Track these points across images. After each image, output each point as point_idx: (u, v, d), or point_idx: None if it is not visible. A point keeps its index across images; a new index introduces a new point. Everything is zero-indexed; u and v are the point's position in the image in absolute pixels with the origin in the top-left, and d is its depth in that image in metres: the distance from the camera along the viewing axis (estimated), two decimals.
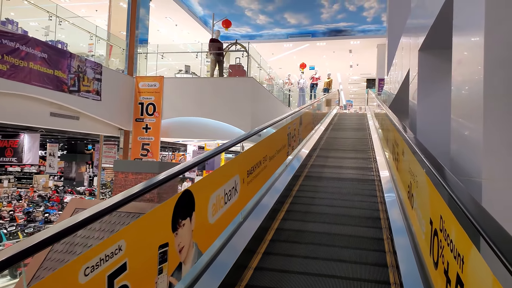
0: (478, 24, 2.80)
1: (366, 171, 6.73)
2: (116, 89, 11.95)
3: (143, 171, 7.82)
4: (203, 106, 12.03)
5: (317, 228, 4.20)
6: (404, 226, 3.77)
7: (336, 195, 5.34)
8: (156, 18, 17.38)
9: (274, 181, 5.00)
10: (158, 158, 12.76)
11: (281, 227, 4.18)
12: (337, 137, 10.71)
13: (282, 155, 5.26)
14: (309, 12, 17.80)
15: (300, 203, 5.00)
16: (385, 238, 3.98)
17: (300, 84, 20.62)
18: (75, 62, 10.06)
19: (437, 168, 2.30)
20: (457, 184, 2.00)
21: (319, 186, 5.75)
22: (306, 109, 8.91)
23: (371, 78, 27.18)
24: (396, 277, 3.21)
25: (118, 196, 1.95)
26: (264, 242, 3.73)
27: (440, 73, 5.40)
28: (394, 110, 8.01)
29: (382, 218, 4.49)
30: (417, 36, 5.72)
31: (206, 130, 12.70)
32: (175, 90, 12.58)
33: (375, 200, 5.21)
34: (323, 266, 3.39)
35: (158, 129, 12.61)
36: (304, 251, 3.65)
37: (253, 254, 3.46)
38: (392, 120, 5.37)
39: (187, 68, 15.02)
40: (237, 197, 3.21)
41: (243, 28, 20.13)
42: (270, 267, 3.31)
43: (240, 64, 13.27)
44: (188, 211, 2.37)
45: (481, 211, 1.62)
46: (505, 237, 1.36)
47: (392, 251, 3.63)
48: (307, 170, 6.65)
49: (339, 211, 4.70)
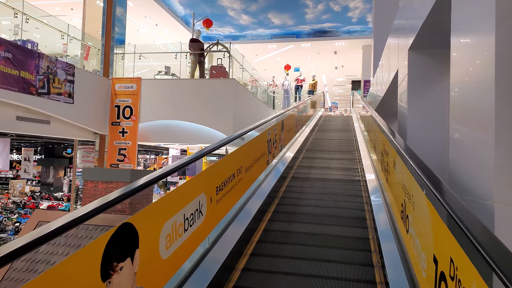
0: (487, 19, 2.36)
1: (354, 184, 6.30)
2: (90, 91, 11.32)
3: (114, 180, 7.26)
4: (183, 108, 11.50)
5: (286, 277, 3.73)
6: (396, 249, 3.32)
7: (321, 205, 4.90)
8: (136, 17, 16.76)
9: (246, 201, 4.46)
10: (136, 164, 12.17)
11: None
12: (324, 138, 10.85)
13: (261, 164, 4.77)
14: (293, 12, 17.38)
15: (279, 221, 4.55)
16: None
17: (284, 86, 20.20)
18: (44, 63, 9.41)
19: (448, 198, 1.82)
20: (483, 230, 1.50)
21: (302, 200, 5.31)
22: (290, 111, 8.46)
23: (356, 79, 26.93)
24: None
25: (85, 208, 1.77)
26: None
27: (432, 74, 4.99)
28: (381, 113, 7.64)
29: (370, 230, 4.04)
30: (407, 35, 5.30)
31: (186, 133, 12.18)
32: (154, 92, 12.01)
33: (361, 204, 4.76)
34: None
35: (135, 133, 12.02)
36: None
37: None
38: (380, 126, 4.94)
39: (167, 69, 14.45)
40: (203, 220, 2.72)
41: (226, 29, 19.62)
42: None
43: (222, 65, 12.75)
44: (128, 250, 1.87)
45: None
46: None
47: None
48: (287, 181, 6.18)
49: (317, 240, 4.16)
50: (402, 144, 3.42)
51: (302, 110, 11.84)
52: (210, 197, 2.86)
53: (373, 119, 5.97)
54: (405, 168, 2.80)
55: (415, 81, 5.10)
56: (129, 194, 2.09)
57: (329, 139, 10.76)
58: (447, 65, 4.92)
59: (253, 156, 4.37)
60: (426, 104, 5.07)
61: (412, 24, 4.97)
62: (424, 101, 5.08)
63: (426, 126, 5.06)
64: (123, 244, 1.81)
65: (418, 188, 2.26)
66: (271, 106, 19.85)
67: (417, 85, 5.09)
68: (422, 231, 2.17)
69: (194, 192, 2.58)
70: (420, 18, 4.27)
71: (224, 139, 3.94)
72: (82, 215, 1.69)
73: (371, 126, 6.96)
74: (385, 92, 8.29)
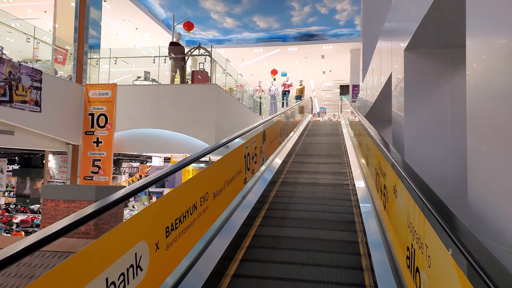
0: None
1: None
2: (61, 98, 10.51)
3: (77, 199, 6.48)
4: (161, 116, 10.76)
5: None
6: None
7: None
8: (114, 21, 15.97)
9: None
10: (111, 176, 11.36)
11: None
12: (312, 142, 10.50)
13: (235, 185, 4.06)
14: (278, 15, 16.76)
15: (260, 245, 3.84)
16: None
17: (271, 91, 19.59)
18: (5, 68, 8.59)
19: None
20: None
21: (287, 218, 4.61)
22: (275, 118, 7.78)
23: (344, 84, 26.45)
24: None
25: (40, 233, 1.60)
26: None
27: (432, 77, 4.34)
28: (372, 119, 7.03)
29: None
30: (402, 35, 4.66)
31: (166, 143, 11.43)
32: (131, 99, 11.25)
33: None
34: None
35: (110, 143, 11.23)
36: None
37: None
38: (375, 140, 4.27)
39: (146, 74, 13.70)
40: (143, 278, 2.00)
41: (210, 32, 18.91)
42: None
43: (204, 69, 12.04)
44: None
45: None
46: None
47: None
48: (270, 201, 5.48)
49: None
50: (408, 170, 2.70)
51: (288, 117, 11.18)
52: (156, 242, 2.15)
53: (365, 129, 5.30)
54: (413, 204, 2.11)
55: (412, 86, 4.46)
56: (92, 215, 1.85)
57: (318, 143, 10.44)
58: (448, 66, 4.28)
59: (225, 177, 3.65)
60: (426, 111, 4.43)
61: (408, 22, 4.33)
62: (423, 108, 4.43)
63: (426, 136, 4.41)
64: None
65: (439, 243, 1.57)
66: (258, 112, 19.19)
67: (415, 90, 4.44)
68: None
69: (126, 243, 1.86)
70: (419, 13, 3.62)
71: (193, 154, 3.25)
72: (38, 240, 1.52)
73: (362, 137, 6.31)
74: (376, 98, 7.67)
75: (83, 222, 1.74)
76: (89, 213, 1.81)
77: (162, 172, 2.65)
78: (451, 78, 4.29)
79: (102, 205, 1.93)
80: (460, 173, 4.23)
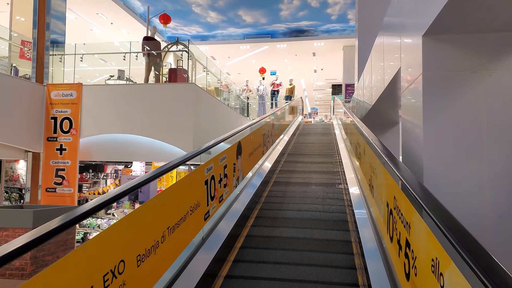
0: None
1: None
2: (19, 100, 9.22)
3: (10, 226, 5.23)
4: (133, 120, 9.52)
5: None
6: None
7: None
8: (86, 14, 14.64)
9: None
10: (76, 187, 10.08)
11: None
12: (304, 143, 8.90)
13: (187, 227, 2.84)
14: (266, 9, 15.52)
15: None
16: None
17: (259, 91, 18.39)
18: None
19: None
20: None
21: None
22: (256, 125, 6.57)
23: (337, 83, 25.32)
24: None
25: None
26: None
27: (465, 74, 3.17)
28: (369, 123, 5.94)
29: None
30: (420, 17, 3.49)
31: (139, 150, 10.17)
32: (99, 100, 9.99)
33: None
34: None
35: (75, 151, 9.95)
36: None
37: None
38: (381, 155, 3.09)
39: (120, 73, 12.39)
40: None
41: (193, 28, 17.61)
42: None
43: (182, 67, 10.80)
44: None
45: None
46: None
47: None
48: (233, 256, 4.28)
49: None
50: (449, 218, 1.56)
51: (275, 122, 9.98)
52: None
53: (369, 143, 4.15)
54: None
55: (433, 85, 3.28)
56: (29, 246, 1.49)
57: (311, 143, 9.09)
58: (484, 58, 3.11)
59: (165, 222, 2.44)
60: (452, 119, 3.26)
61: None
62: (448, 115, 3.26)
63: (453, 154, 3.24)
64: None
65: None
66: (245, 114, 17.98)
67: (438, 91, 3.27)
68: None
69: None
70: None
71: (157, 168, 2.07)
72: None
73: (360, 148, 5.14)
74: (376, 100, 6.50)
75: (10, 258, 1.39)
76: (18, 247, 1.45)
77: (123, 188, 2.21)
78: (488, 74, 3.12)
79: (38, 235, 1.57)
80: (503, 206, 3.08)
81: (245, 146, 4.95)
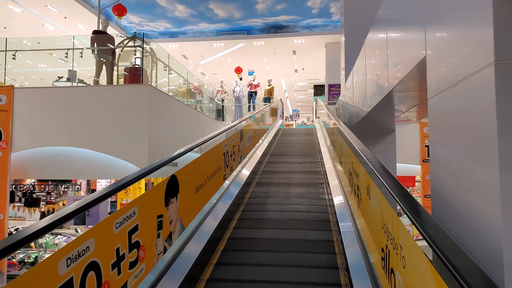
0: None
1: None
2: None
3: None
4: (79, 130, 7.85)
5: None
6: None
7: None
8: (35, 7, 12.76)
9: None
10: (7, 213, 8.29)
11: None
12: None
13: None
14: (240, 2, 13.90)
15: None
16: None
17: (235, 92, 16.80)
18: None
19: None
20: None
21: None
22: (217, 137, 4.99)
23: (319, 84, 23.89)
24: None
25: None
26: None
27: None
28: (360, 131, 4.43)
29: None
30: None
31: (86, 165, 8.45)
32: (37, 107, 8.25)
33: None
34: None
35: (6, 167, 8.19)
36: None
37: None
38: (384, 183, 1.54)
39: (71, 74, 10.59)
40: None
41: (160, 23, 15.85)
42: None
43: (138, 66, 9.12)
44: None
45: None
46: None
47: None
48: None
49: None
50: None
51: (249, 130, 8.41)
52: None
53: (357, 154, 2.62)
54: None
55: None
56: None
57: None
58: None
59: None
60: None
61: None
62: None
63: None
64: None
65: None
66: (220, 119, 16.36)
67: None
68: None
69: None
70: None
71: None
72: None
73: (352, 162, 3.62)
74: (374, 106, 4.97)
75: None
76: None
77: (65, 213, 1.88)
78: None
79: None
80: None
81: (186, 180, 3.28)
